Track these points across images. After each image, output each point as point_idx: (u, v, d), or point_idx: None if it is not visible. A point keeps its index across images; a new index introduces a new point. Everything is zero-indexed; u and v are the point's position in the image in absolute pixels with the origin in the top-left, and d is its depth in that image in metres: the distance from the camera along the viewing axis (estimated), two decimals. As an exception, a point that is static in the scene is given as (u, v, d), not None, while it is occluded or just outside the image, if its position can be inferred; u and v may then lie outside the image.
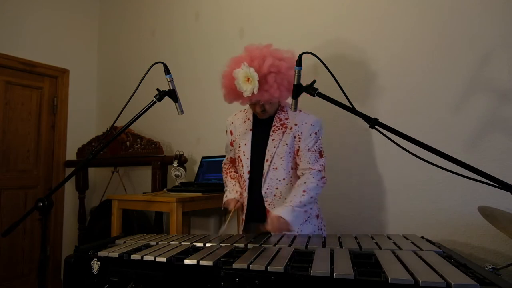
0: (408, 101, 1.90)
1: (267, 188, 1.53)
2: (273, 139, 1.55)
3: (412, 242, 1.18)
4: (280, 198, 1.53)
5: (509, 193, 0.91)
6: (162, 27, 3.20)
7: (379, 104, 1.99)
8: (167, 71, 1.41)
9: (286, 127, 1.56)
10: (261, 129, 1.61)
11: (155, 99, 1.38)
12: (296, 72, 1.23)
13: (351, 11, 2.12)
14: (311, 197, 1.45)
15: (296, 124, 1.55)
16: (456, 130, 1.76)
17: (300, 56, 1.22)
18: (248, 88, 1.40)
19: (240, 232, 1.61)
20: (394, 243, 1.18)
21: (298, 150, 1.54)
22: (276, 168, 1.53)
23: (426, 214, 1.82)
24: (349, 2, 2.13)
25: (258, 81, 1.40)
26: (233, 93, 1.50)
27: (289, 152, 1.53)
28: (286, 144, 1.53)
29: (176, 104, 1.44)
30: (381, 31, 2.00)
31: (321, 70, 1.36)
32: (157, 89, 1.39)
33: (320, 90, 1.21)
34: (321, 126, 1.56)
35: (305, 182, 1.47)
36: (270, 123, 1.60)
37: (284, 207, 1.40)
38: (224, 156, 1.88)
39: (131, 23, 3.49)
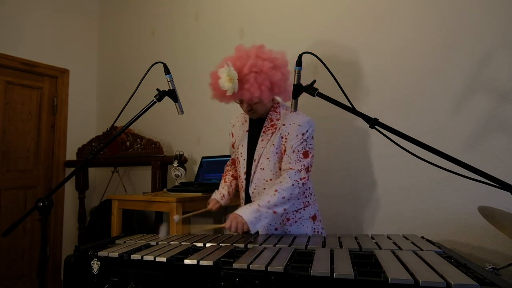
0: (408, 101, 1.90)
1: (254, 188, 1.56)
2: (262, 140, 1.57)
3: (412, 242, 1.18)
4: None
5: (509, 193, 0.91)
6: (162, 27, 3.20)
7: (379, 104, 1.99)
8: (167, 71, 1.41)
9: (275, 128, 1.56)
10: (255, 130, 1.63)
11: (155, 99, 1.38)
12: (296, 72, 1.23)
13: (351, 10, 2.12)
14: (283, 197, 1.39)
15: (284, 125, 1.54)
16: (456, 130, 1.76)
17: (300, 56, 1.22)
18: (230, 86, 1.43)
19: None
20: (394, 243, 1.18)
21: (285, 150, 1.51)
22: (263, 169, 1.55)
23: (426, 214, 1.82)
24: (348, 2, 2.13)
25: (239, 80, 1.42)
26: (218, 91, 1.53)
27: (276, 153, 1.52)
28: (273, 144, 1.53)
29: (176, 104, 1.44)
30: (381, 31, 2.00)
31: (321, 70, 1.36)
32: (157, 89, 1.40)
33: (320, 90, 1.21)
34: (311, 127, 1.52)
35: (280, 182, 1.43)
36: (261, 124, 1.62)
37: (249, 206, 1.38)
38: (226, 156, 1.90)
39: (131, 23, 3.49)
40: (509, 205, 1.52)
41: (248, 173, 1.59)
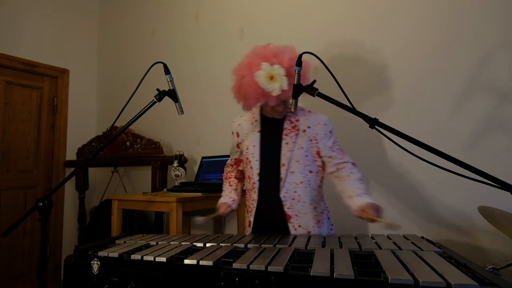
0: (408, 101, 1.90)
1: (286, 192, 1.51)
2: (286, 143, 1.52)
3: (412, 242, 1.18)
4: (299, 201, 1.52)
5: (509, 193, 0.91)
6: (162, 27, 3.20)
7: (379, 104, 1.99)
8: (167, 71, 1.41)
9: (298, 129, 1.53)
10: (270, 131, 1.58)
11: (155, 99, 1.38)
12: (296, 72, 1.23)
13: (351, 10, 2.12)
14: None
15: (309, 127, 1.53)
16: (456, 130, 1.76)
17: (300, 56, 1.22)
18: (276, 86, 1.37)
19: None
20: (394, 243, 1.18)
21: (318, 152, 1.54)
22: (293, 172, 1.51)
23: (426, 214, 1.82)
24: (348, 2, 2.13)
25: (285, 75, 1.38)
26: (260, 96, 1.43)
27: (306, 156, 1.52)
28: (302, 147, 1.51)
29: (176, 104, 1.44)
30: (381, 31, 2.00)
31: (321, 70, 1.36)
32: (157, 89, 1.39)
33: (320, 90, 1.21)
34: (331, 123, 1.58)
35: (351, 173, 1.50)
36: (278, 124, 1.57)
37: (365, 196, 1.41)
38: (226, 156, 1.88)
39: (131, 23, 3.49)
40: (509, 205, 1.52)
41: (262, 175, 1.56)
